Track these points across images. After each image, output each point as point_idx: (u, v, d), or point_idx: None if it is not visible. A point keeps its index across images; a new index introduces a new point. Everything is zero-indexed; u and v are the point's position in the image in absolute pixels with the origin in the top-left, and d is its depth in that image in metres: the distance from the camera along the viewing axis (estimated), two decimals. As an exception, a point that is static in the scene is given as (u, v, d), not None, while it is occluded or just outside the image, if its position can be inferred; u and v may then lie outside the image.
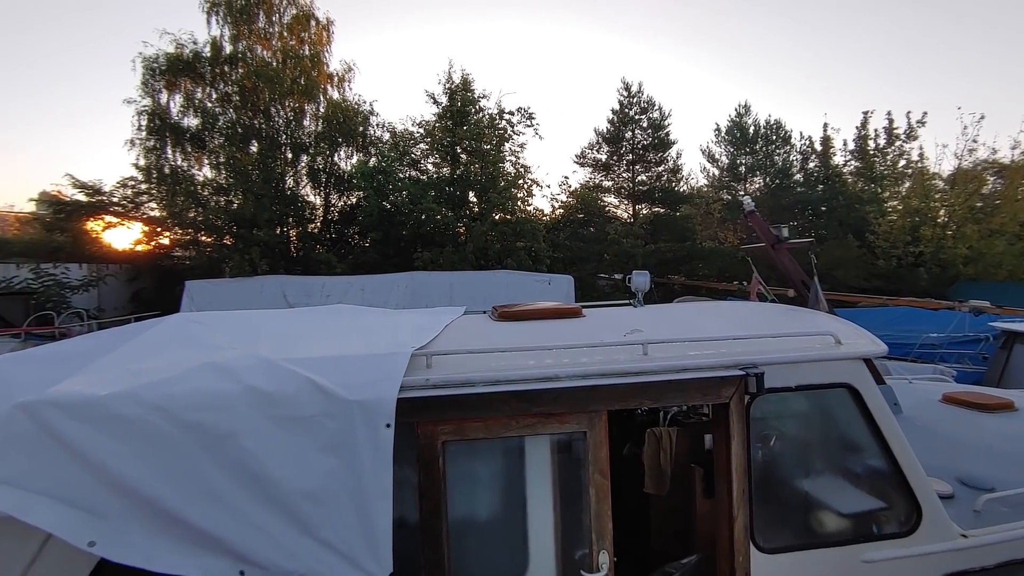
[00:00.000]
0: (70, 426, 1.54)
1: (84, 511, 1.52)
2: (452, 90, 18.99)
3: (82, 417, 1.55)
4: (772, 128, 26.02)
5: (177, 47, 17.94)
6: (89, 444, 1.53)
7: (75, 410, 1.56)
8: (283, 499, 1.56)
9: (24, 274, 16.20)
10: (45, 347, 2.75)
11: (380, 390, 1.66)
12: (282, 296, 12.89)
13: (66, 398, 1.59)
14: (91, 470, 1.53)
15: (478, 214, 18.45)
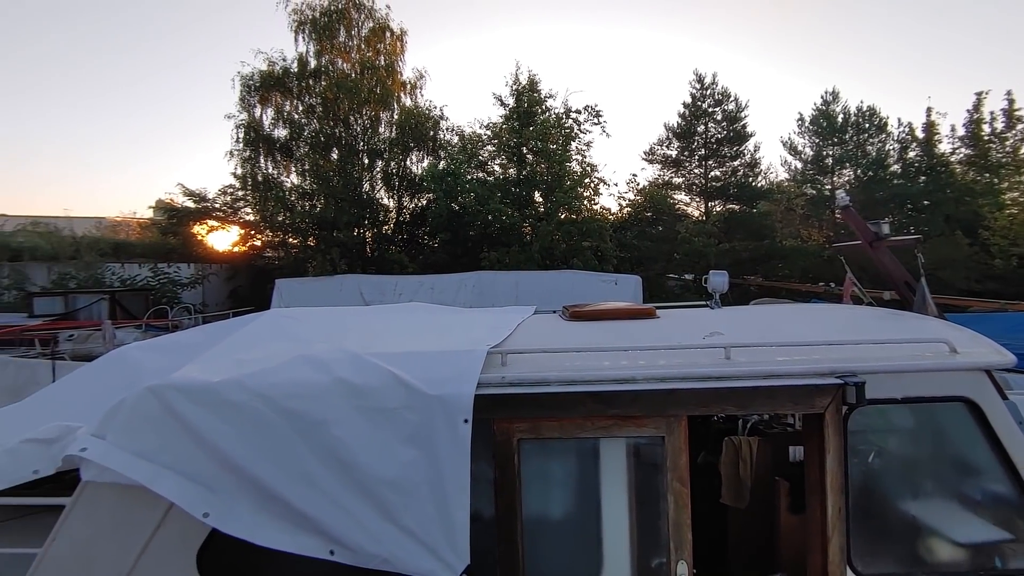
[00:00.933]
0: (189, 408, 1.74)
1: (200, 485, 1.70)
2: (519, 91, 19.16)
3: (199, 401, 1.75)
4: (864, 115, 23.74)
5: (269, 64, 19.58)
6: (204, 425, 1.72)
7: (193, 394, 1.76)
8: (368, 485, 1.64)
9: (144, 273, 18.45)
10: (164, 337, 3.16)
11: (458, 386, 1.70)
12: (359, 294, 13.65)
13: (186, 383, 1.80)
14: (206, 449, 1.72)
15: (544, 214, 18.48)
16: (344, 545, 1.62)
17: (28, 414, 2.40)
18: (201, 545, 1.77)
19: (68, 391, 2.62)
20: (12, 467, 1.78)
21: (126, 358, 2.68)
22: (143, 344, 2.89)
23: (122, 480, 1.64)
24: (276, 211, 19.14)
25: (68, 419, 1.94)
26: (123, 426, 1.72)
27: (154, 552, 1.77)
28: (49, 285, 17.45)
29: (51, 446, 1.77)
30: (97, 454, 1.65)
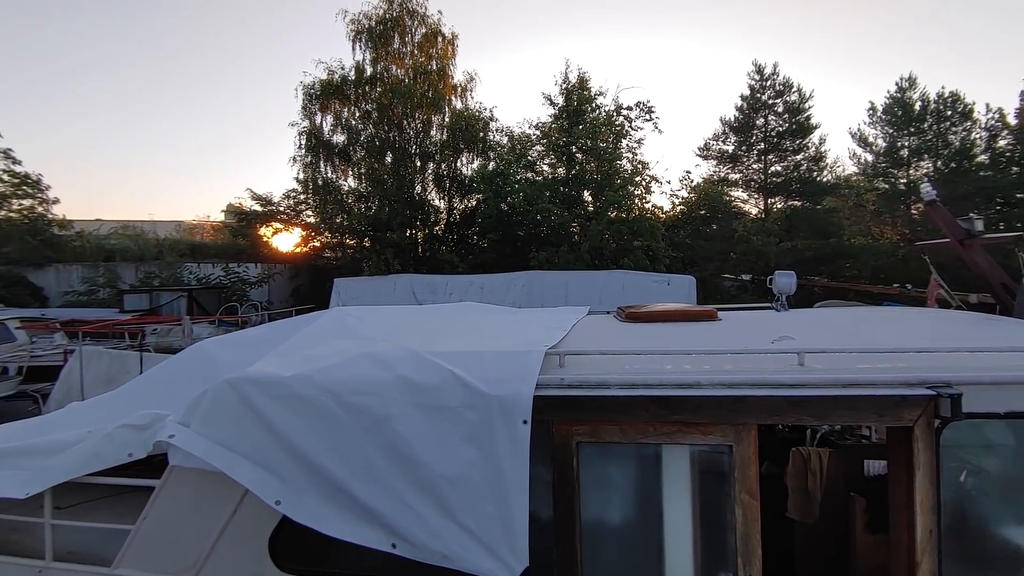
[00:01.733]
0: (263, 401, 1.82)
1: (272, 474, 1.78)
2: (568, 90, 19.02)
3: (272, 394, 1.83)
4: (945, 102, 21.76)
5: (329, 73, 20.50)
6: (276, 417, 1.80)
7: (267, 388, 1.84)
8: (429, 482, 1.67)
9: (217, 272, 19.86)
10: (237, 333, 3.37)
11: (517, 387, 1.70)
12: (411, 292, 14.04)
13: (260, 377, 1.88)
14: (278, 439, 1.79)
15: (593, 213, 18.25)
16: (405, 539, 1.65)
17: (122, 401, 2.62)
18: (273, 530, 1.86)
19: (156, 381, 2.82)
20: (110, 450, 1.94)
21: (204, 352, 2.89)
22: (219, 339, 3.10)
23: (204, 466, 1.75)
24: (334, 213, 20.05)
25: (156, 407, 2.08)
26: (205, 416, 1.84)
27: (231, 534, 1.87)
28: (136, 283, 19.18)
29: (143, 432, 1.91)
30: (183, 441, 1.77)
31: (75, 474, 1.97)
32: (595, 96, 18.84)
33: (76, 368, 7.46)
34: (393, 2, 20.41)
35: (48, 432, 2.41)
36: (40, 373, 9.12)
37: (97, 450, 1.96)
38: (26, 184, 21.07)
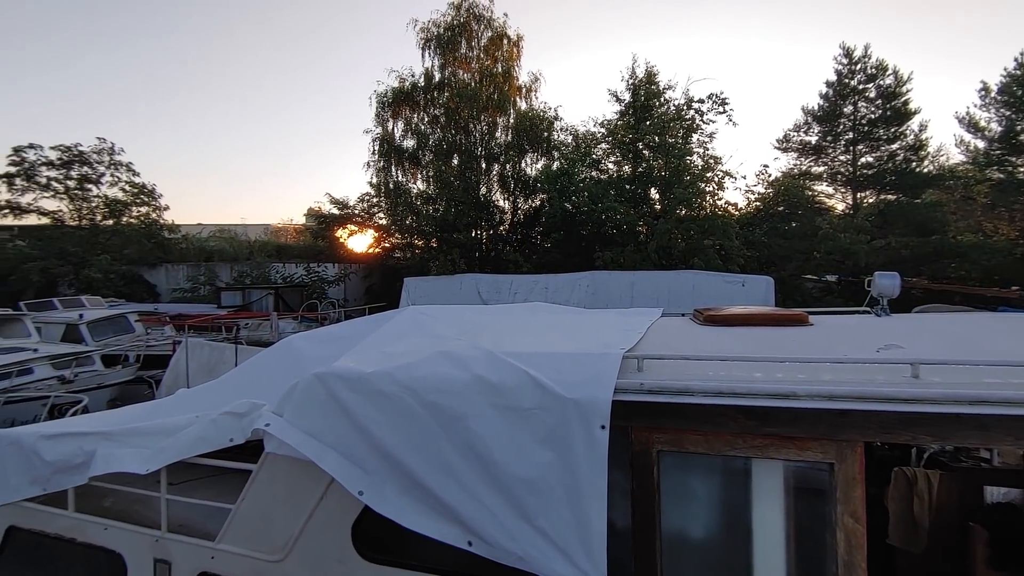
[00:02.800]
0: (347, 395, 1.91)
1: (356, 465, 1.85)
2: (635, 85, 18.53)
3: (355, 389, 1.91)
4: (1080, 77, 18.89)
5: (400, 81, 21.37)
6: (359, 411, 1.88)
7: (351, 382, 1.93)
8: (504, 483, 1.66)
9: (300, 272, 21.37)
10: (321, 329, 3.56)
11: (594, 390, 1.66)
12: (477, 291, 14.32)
13: (345, 372, 1.97)
14: (360, 432, 1.87)
15: (660, 211, 17.66)
16: (481, 538, 1.66)
17: (224, 390, 2.85)
18: (355, 519, 1.95)
19: (251, 371, 3.05)
20: (215, 434, 2.12)
21: (292, 346, 3.10)
22: (305, 335, 3.31)
23: (295, 454, 1.87)
24: (404, 215, 20.86)
25: (252, 396, 2.23)
26: (296, 407, 1.95)
27: (318, 519, 1.98)
28: (231, 281, 21.06)
29: (242, 419, 2.07)
30: (277, 430, 1.90)
31: (186, 455, 2.16)
32: (663, 90, 18.22)
33: (182, 357, 8.32)
34: (460, 8, 20.91)
35: (163, 415, 2.66)
36: (153, 361, 10.27)
37: (204, 434, 2.14)
38: (143, 193, 23.77)
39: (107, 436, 2.38)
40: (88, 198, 22.83)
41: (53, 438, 2.46)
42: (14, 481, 2.50)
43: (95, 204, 22.93)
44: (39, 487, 2.43)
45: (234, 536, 2.14)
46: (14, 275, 19.44)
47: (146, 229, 23.37)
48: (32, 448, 2.46)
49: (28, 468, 2.47)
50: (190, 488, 2.49)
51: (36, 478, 2.45)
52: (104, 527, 2.43)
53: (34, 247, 20.86)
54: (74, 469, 2.36)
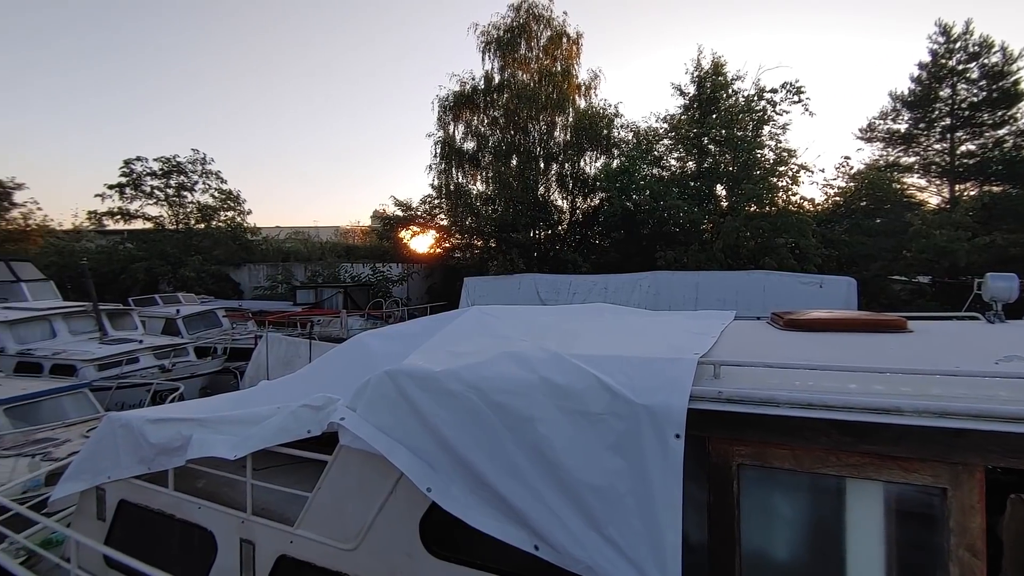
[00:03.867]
0: (416, 393, 1.95)
1: (424, 462, 1.89)
2: (701, 77, 17.80)
3: (424, 387, 1.95)
4: None
5: (461, 85, 21.83)
6: (427, 409, 1.91)
7: (419, 380, 1.97)
8: (572, 488, 1.61)
9: (366, 271, 22.43)
10: (390, 327, 3.66)
11: (668, 397, 1.58)
12: (535, 291, 14.35)
13: (414, 370, 2.01)
14: (428, 430, 1.90)
15: (728, 208, 16.85)
16: (548, 543, 1.63)
17: (302, 383, 3.02)
18: (423, 515, 1.98)
19: (326, 366, 3.19)
20: (294, 426, 2.26)
21: (363, 343, 3.24)
22: (375, 332, 3.43)
23: (367, 448, 1.94)
24: (464, 216, 21.32)
25: (327, 390, 2.35)
26: (368, 403, 2.03)
27: (388, 512, 2.05)
28: (305, 280, 22.48)
29: (319, 412, 2.17)
30: (351, 424, 1.99)
31: (269, 443, 2.32)
32: (731, 81, 17.36)
33: (263, 350, 9.00)
34: (520, 9, 21.03)
35: (248, 405, 2.85)
36: (238, 353, 11.19)
37: (284, 425, 2.28)
38: (230, 199, 25.93)
39: (201, 423, 2.61)
40: (184, 204, 25.24)
41: (156, 422, 2.73)
42: (124, 460, 2.80)
43: (189, 210, 25.30)
44: (144, 466, 2.72)
45: (310, 523, 2.25)
46: (124, 274, 21.86)
47: (232, 232, 25.47)
48: (139, 431, 2.75)
49: (136, 449, 2.76)
50: (270, 474, 2.63)
51: (142, 458, 2.73)
52: (198, 506, 2.64)
53: (140, 249, 23.37)
54: (174, 452, 2.61)
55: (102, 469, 2.91)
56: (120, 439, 2.83)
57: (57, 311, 10.42)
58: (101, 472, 2.91)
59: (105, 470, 2.89)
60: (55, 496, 3.10)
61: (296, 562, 2.29)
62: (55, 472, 4.19)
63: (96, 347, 9.47)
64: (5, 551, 3.21)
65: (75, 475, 3.03)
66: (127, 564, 2.61)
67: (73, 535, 2.80)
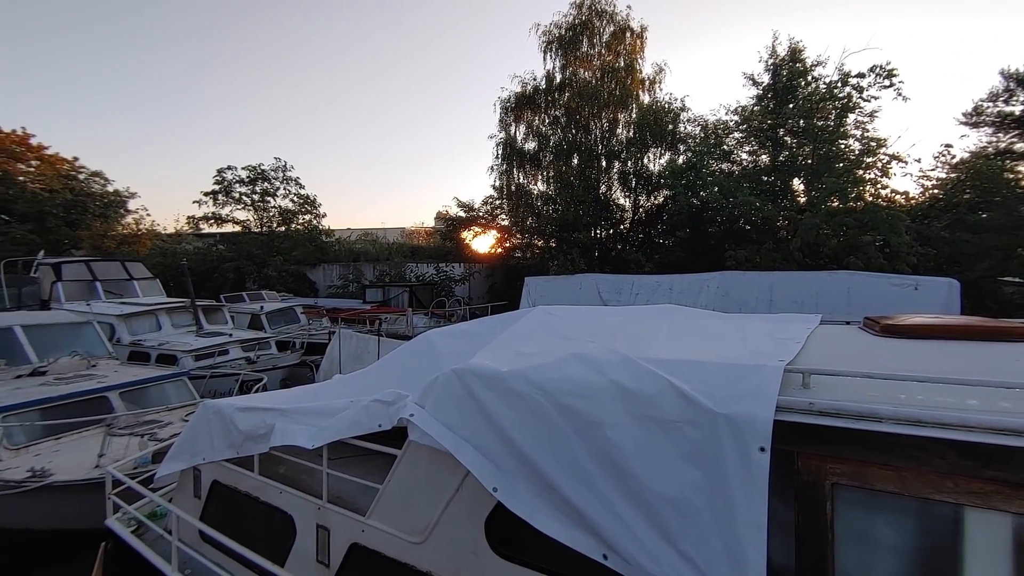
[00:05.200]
0: (483, 392, 1.95)
1: (490, 461, 1.88)
2: (776, 65, 16.70)
3: (490, 386, 1.95)
4: None
5: (522, 86, 21.94)
6: (494, 408, 1.90)
7: (486, 380, 1.97)
8: (644, 498, 1.54)
9: (430, 271, 23.16)
10: (455, 326, 3.68)
11: (752, 406, 1.47)
12: (597, 292, 14.14)
13: (481, 369, 2.02)
14: (495, 430, 1.89)
15: (806, 204, 15.70)
16: (618, 553, 1.57)
17: (373, 378, 3.14)
18: (489, 514, 1.98)
19: (395, 362, 3.30)
20: (366, 419, 2.35)
21: (429, 341, 3.32)
22: (441, 331, 3.50)
23: (435, 445, 1.96)
24: (525, 216, 21.41)
25: (396, 386, 2.42)
26: (436, 400, 2.06)
27: (454, 509, 2.07)
28: (374, 279, 23.55)
29: (389, 408, 2.26)
30: (420, 420, 2.03)
31: (343, 436, 2.42)
32: (811, 67, 16.14)
33: (336, 346, 9.53)
34: (582, 7, 20.78)
35: (323, 397, 3.01)
36: (314, 348, 11.93)
37: (357, 418, 2.38)
38: (307, 203, 27.70)
39: (283, 413, 2.79)
40: (267, 208, 27.23)
41: (244, 411, 2.94)
42: (217, 444, 3.05)
43: (272, 214, 27.27)
44: (234, 451, 2.93)
45: (381, 514, 2.33)
46: (216, 273, 23.98)
47: (309, 234, 27.19)
48: (230, 418, 2.98)
49: (227, 434, 2.99)
50: (343, 464, 2.77)
51: (232, 443, 2.95)
52: (280, 491, 2.82)
53: (230, 250, 25.53)
54: (259, 439, 2.80)
55: (198, 451, 3.17)
56: (213, 425, 3.08)
57: (162, 306, 11.63)
58: (197, 454, 3.18)
59: (200, 452, 3.15)
60: (160, 474, 3.44)
61: (367, 551, 2.37)
62: (160, 451, 4.67)
63: (193, 339, 10.47)
64: (119, 520, 3.62)
65: (175, 456, 3.33)
66: (218, 540, 2.84)
67: (174, 510, 3.09)
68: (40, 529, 5.03)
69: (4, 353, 7.07)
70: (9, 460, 5.18)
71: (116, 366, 7.54)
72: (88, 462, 5.08)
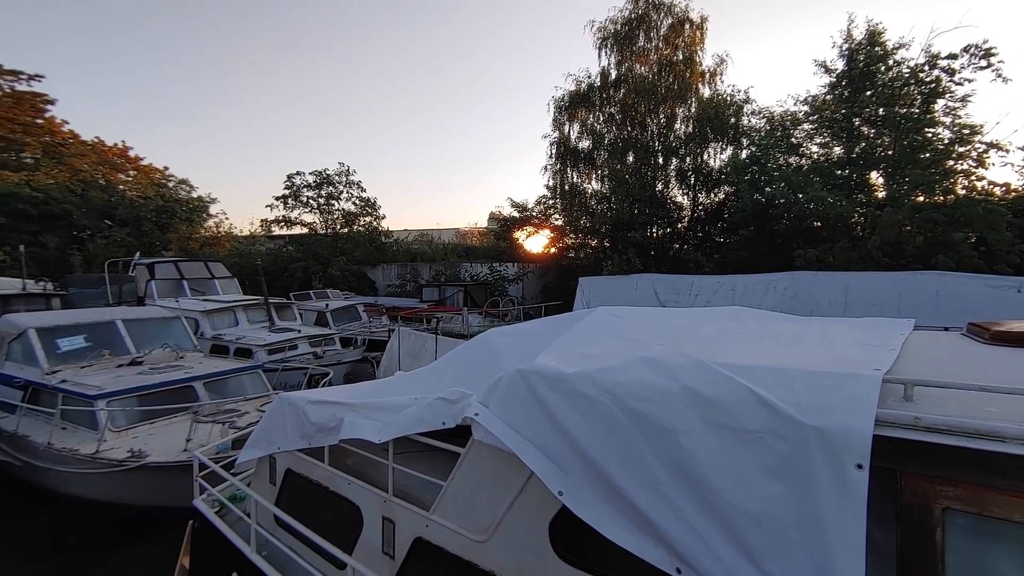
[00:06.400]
0: (548, 393, 1.92)
1: (555, 464, 1.84)
2: (852, 50, 15.54)
3: (555, 388, 1.93)
4: None
5: (576, 84, 21.74)
6: (559, 411, 1.87)
7: (551, 382, 1.94)
8: (723, 511, 1.46)
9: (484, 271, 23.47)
10: (514, 327, 3.68)
11: (847, 419, 1.35)
12: (653, 292, 13.78)
13: (545, 370, 1.99)
14: (559, 431, 1.86)
15: (886, 199, 14.50)
16: (693, 568, 1.49)
17: (435, 376, 3.20)
18: (553, 517, 1.95)
19: (455, 361, 3.35)
20: (430, 417, 2.40)
21: (489, 341, 3.35)
22: (500, 331, 3.52)
23: (499, 445, 1.96)
24: (579, 215, 21.20)
25: (456, 384, 2.47)
26: (500, 400, 2.07)
27: (518, 510, 2.06)
28: (430, 279, 24.17)
29: (453, 406, 2.29)
30: (485, 420, 2.04)
31: (408, 432, 2.49)
32: (892, 51, 14.87)
33: (395, 343, 9.86)
34: (639, 1, 20.31)
35: (388, 394, 3.11)
36: (374, 344, 12.41)
37: (422, 415, 2.44)
38: (368, 206, 28.87)
39: (352, 407, 2.91)
40: (331, 211, 28.61)
41: (316, 404, 3.09)
42: (291, 434, 3.22)
43: (336, 216, 28.62)
44: (306, 442, 3.09)
45: (444, 511, 2.37)
46: (286, 272, 25.50)
47: (369, 235, 28.31)
48: (303, 410, 3.14)
49: (300, 425, 3.16)
50: (406, 459, 2.83)
51: (304, 434, 3.11)
52: (348, 482, 2.94)
53: (298, 251, 27.04)
54: (330, 431, 2.93)
55: (273, 441, 3.37)
56: (288, 416, 3.26)
57: (239, 303, 12.54)
58: (273, 443, 3.38)
59: (276, 442, 3.34)
60: (240, 460, 3.70)
61: (431, 546, 2.42)
62: (239, 439, 5.04)
63: (267, 334, 11.19)
64: (205, 501, 3.93)
65: (254, 444, 3.56)
66: (292, 525, 3.01)
67: (252, 495, 3.31)
68: (136, 504, 5.56)
69: (108, 344, 7.87)
70: (112, 441, 5.77)
71: (200, 358, 8.20)
72: (177, 446, 5.56)
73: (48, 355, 7.20)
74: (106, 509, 5.76)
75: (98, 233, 27.09)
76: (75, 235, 26.68)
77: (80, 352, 7.53)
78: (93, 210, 28.01)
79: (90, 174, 30.51)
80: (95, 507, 5.81)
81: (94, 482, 5.58)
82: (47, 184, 26.88)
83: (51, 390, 6.51)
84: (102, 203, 28.92)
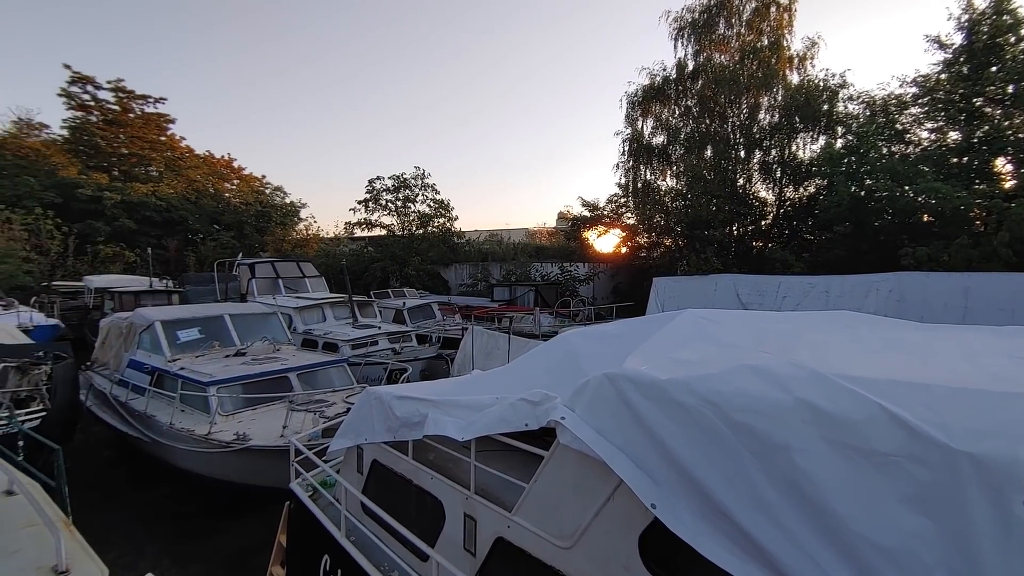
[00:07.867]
0: (639, 400, 1.83)
1: (647, 474, 1.74)
2: (973, 21, 13.72)
3: (648, 395, 1.82)
4: None
5: (651, 78, 21.06)
6: (652, 418, 1.77)
7: (643, 388, 1.84)
8: (847, 541, 1.32)
9: (554, 271, 23.42)
10: (594, 328, 3.57)
11: (1012, 447, 1.19)
12: (735, 294, 13.02)
13: (636, 375, 1.89)
14: (653, 442, 1.75)
15: (1016, 188, 12.65)
16: None
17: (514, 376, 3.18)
18: (644, 529, 1.85)
19: (533, 361, 3.32)
20: (513, 417, 2.37)
21: (568, 342, 3.27)
22: (580, 332, 3.43)
23: (586, 451, 1.90)
24: (652, 214, 20.52)
25: (536, 386, 2.40)
26: (587, 404, 2.00)
27: (605, 519, 1.99)
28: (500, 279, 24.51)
29: (536, 408, 2.24)
30: (572, 424, 1.98)
31: (491, 431, 2.48)
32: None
33: (469, 341, 10.09)
34: (719, -15, 19.31)
35: (468, 392, 3.11)
36: (448, 342, 12.80)
37: (504, 415, 2.42)
38: (442, 208, 29.85)
39: (435, 404, 2.96)
40: (408, 213, 29.90)
41: (401, 399, 3.18)
42: (377, 427, 3.34)
43: (411, 218, 29.87)
44: (391, 435, 3.19)
45: (527, 513, 2.34)
46: (366, 272, 27.01)
47: (443, 236, 29.26)
48: (388, 404, 3.25)
49: (385, 419, 3.26)
50: (486, 458, 2.83)
51: (390, 428, 3.21)
52: (431, 477, 3.00)
53: (377, 252, 28.54)
54: (414, 426, 3.00)
55: (361, 432, 3.52)
56: (375, 410, 3.38)
57: (327, 301, 13.47)
58: (360, 435, 3.53)
59: (363, 433, 3.49)
60: (331, 448, 3.93)
61: (513, 547, 2.41)
62: (328, 428, 5.40)
63: (351, 330, 11.91)
64: (300, 484, 4.24)
65: (343, 434, 3.75)
66: (378, 514, 3.14)
67: (343, 482, 3.50)
68: (239, 482, 6.14)
69: (218, 336, 8.76)
70: (222, 424, 6.41)
71: (294, 351, 8.88)
72: (275, 431, 6.06)
73: (170, 345, 8.15)
74: (215, 484, 6.42)
75: (208, 236, 30.37)
76: (189, 238, 30.01)
77: (195, 343, 8.44)
78: (204, 216, 31.50)
79: (202, 184, 34.22)
80: (206, 482, 6.49)
81: (206, 460, 6.23)
82: (168, 194, 30.51)
83: (172, 376, 7.35)
84: (211, 209, 32.41)
